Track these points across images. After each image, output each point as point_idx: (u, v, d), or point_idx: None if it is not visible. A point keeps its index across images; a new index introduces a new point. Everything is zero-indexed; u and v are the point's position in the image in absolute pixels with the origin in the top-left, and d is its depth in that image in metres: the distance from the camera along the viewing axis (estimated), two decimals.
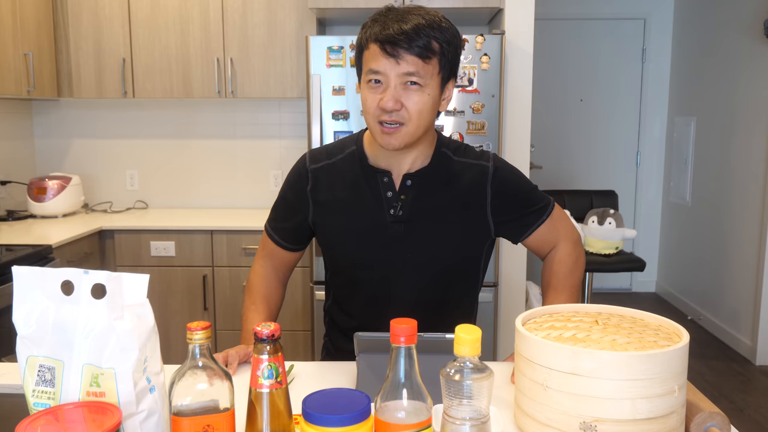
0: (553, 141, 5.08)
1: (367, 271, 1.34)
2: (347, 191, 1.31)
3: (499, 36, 2.83)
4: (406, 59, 1.14)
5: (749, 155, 3.84)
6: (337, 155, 1.35)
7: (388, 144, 1.20)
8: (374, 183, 1.30)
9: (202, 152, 3.64)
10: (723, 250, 4.14)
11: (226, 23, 3.23)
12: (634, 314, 1.06)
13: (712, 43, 4.33)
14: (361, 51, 1.21)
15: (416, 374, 0.79)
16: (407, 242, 1.29)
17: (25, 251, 2.49)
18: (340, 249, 1.36)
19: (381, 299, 1.34)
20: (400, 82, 1.16)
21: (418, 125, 1.19)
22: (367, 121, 1.22)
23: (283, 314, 3.11)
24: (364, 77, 1.20)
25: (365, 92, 1.20)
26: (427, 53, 1.15)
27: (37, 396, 0.79)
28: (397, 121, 1.18)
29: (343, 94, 2.86)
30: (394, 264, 1.31)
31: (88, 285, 0.79)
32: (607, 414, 0.85)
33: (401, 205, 1.29)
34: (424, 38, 1.14)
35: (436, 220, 1.30)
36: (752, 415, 3.13)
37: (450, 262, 1.32)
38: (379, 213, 1.29)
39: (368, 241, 1.31)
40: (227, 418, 0.82)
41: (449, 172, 1.31)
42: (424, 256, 1.30)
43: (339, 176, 1.33)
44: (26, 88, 3.02)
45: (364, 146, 1.33)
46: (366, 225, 1.30)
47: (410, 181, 1.29)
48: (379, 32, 1.15)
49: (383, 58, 1.15)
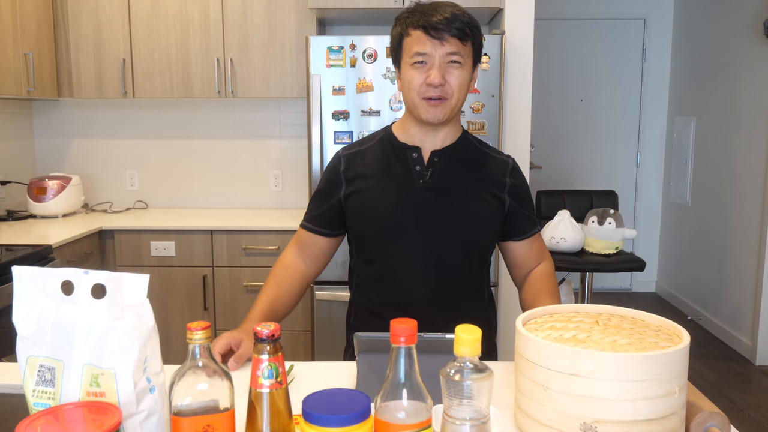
0: (553, 141, 5.08)
1: (393, 240, 1.39)
2: (379, 166, 1.43)
3: (499, 36, 2.83)
4: (449, 41, 1.31)
5: (749, 155, 3.84)
6: (368, 143, 1.48)
7: (434, 116, 1.34)
8: (404, 158, 1.42)
9: (202, 152, 3.64)
10: (723, 250, 4.14)
11: (226, 23, 3.23)
12: (635, 315, 1.06)
13: (712, 43, 4.33)
14: (401, 39, 1.36)
15: (416, 374, 0.79)
16: (433, 207, 1.38)
17: (25, 251, 2.49)
18: (369, 215, 1.41)
19: (404, 274, 1.40)
20: (444, 61, 1.32)
21: (458, 98, 1.35)
22: (411, 99, 1.35)
23: None
24: (408, 60, 1.34)
25: (410, 72, 1.34)
26: (464, 36, 1.32)
27: (37, 396, 0.79)
28: (442, 96, 1.32)
29: (343, 94, 2.86)
30: (418, 229, 1.38)
31: (88, 285, 0.79)
32: (607, 415, 0.85)
33: (429, 175, 1.40)
34: (460, 23, 1.31)
35: (461, 192, 1.41)
36: (752, 415, 3.13)
37: (469, 233, 1.40)
38: (409, 183, 1.40)
39: (397, 206, 1.39)
40: (227, 418, 0.82)
41: (473, 154, 1.45)
42: (448, 222, 1.39)
43: (371, 156, 1.45)
44: (26, 88, 3.02)
45: (394, 131, 1.46)
46: (395, 192, 1.40)
47: (437, 158, 1.41)
48: (422, 20, 1.31)
49: (428, 40, 1.31)
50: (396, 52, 1.39)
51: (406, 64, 1.35)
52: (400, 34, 1.36)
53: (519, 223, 1.46)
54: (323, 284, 2.96)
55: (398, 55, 1.38)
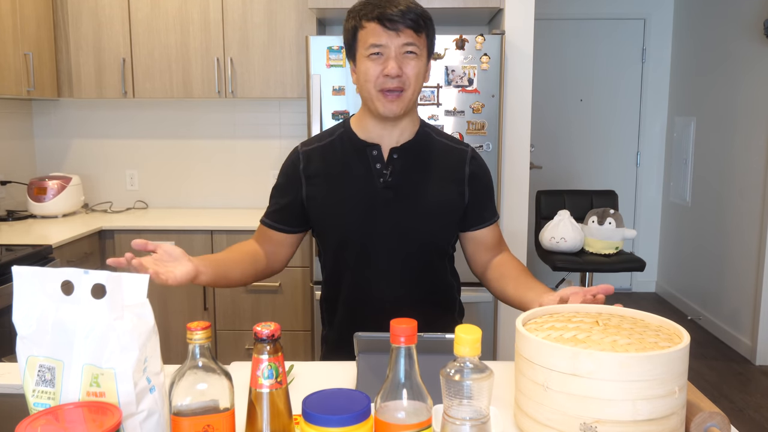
0: (553, 141, 5.08)
1: (357, 239, 1.40)
2: (339, 165, 1.42)
3: (499, 36, 2.83)
4: (404, 32, 1.31)
5: (749, 155, 3.84)
6: (326, 138, 1.46)
7: (391, 110, 1.34)
8: (364, 156, 1.41)
9: (202, 152, 3.63)
10: (723, 250, 4.14)
11: (226, 23, 3.23)
12: (635, 315, 1.06)
13: (712, 43, 4.33)
14: (355, 32, 1.35)
15: (416, 374, 0.79)
16: (395, 207, 1.39)
17: (25, 251, 2.49)
18: (333, 218, 1.41)
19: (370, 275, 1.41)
20: (400, 52, 1.32)
21: (415, 89, 1.35)
22: (367, 91, 1.34)
23: (283, 314, 3.11)
24: (363, 52, 1.33)
25: (365, 64, 1.33)
26: (419, 27, 1.32)
27: (37, 396, 0.79)
28: (399, 87, 1.32)
29: (343, 94, 2.86)
30: (382, 229, 1.39)
31: (88, 285, 0.79)
32: (607, 415, 0.85)
33: (389, 173, 1.39)
34: (414, 15, 1.31)
35: (421, 188, 1.41)
36: (752, 415, 3.13)
37: (432, 229, 1.42)
38: (370, 182, 1.39)
39: (359, 207, 1.39)
40: (227, 418, 0.82)
41: (432, 147, 1.45)
42: (410, 221, 1.40)
43: (330, 153, 1.43)
44: (26, 88, 3.02)
45: (352, 127, 1.44)
46: (357, 192, 1.40)
47: (396, 155, 1.40)
48: (376, 12, 1.31)
49: (383, 32, 1.31)
50: (350, 45, 1.38)
51: (361, 57, 1.34)
52: (354, 26, 1.36)
53: (477, 213, 1.47)
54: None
55: (353, 48, 1.38)
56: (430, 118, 2.87)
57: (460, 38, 2.82)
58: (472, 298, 2.75)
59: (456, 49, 2.82)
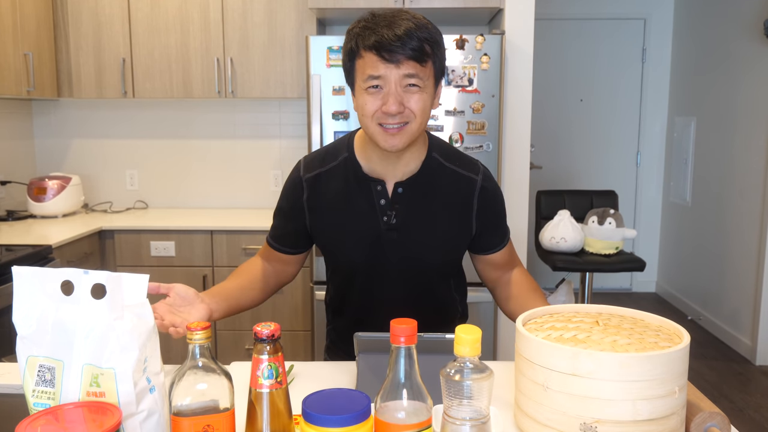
0: (553, 141, 5.08)
1: (361, 271, 1.39)
2: (342, 199, 1.34)
3: (499, 36, 2.83)
4: (404, 64, 1.17)
5: (749, 155, 3.84)
6: (330, 162, 1.37)
7: (393, 146, 1.22)
8: (368, 191, 1.33)
9: (202, 152, 3.63)
10: (723, 250, 4.14)
11: (226, 23, 3.23)
12: (635, 315, 1.06)
13: (712, 43, 4.33)
14: (353, 58, 1.22)
15: (416, 374, 0.79)
16: (399, 246, 1.34)
17: (25, 251, 2.49)
18: (338, 252, 1.40)
19: (375, 293, 1.40)
20: (400, 85, 1.18)
21: (421, 123, 1.22)
22: (366, 125, 1.23)
23: (283, 314, 3.11)
24: (362, 84, 1.21)
25: (364, 97, 1.21)
26: (422, 56, 1.17)
27: (37, 396, 0.79)
28: (401, 121, 1.20)
29: (343, 94, 2.86)
30: (386, 264, 1.37)
31: (88, 285, 0.79)
32: (607, 415, 0.85)
33: (395, 214, 1.33)
34: (417, 42, 1.16)
35: (427, 224, 1.34)
36: (752, 415, 3.13)
37: (438, 262, 1.39)
38: (374, 220, 1.33)
39: (363, 246, 1.35)
40: (227, 418, 0.82)
41: (439, 178, 1.35)
42: (414, 257, 1.36)
43: (333, 184, 1.35)
44: (26, 88, 3.02)
45: (356, 153, 1.35)
46: (361, 231, 1.34)
47: (401, 189, 1.32)
48: (372, 40, 1.16)
49: (381, 64, 1.17)
50: (348, 71, 1.25)
51: (359, 88, 1.21)
52: (351, 51, 1.22)
53: (487, 240, 1.41)
54: (323, 284, 2.96)
55: (351, 75, 1.24)
56: (430, 119, 2.87)
57: (460, 38, 2.82)
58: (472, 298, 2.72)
59: (456, 49, 2.82)
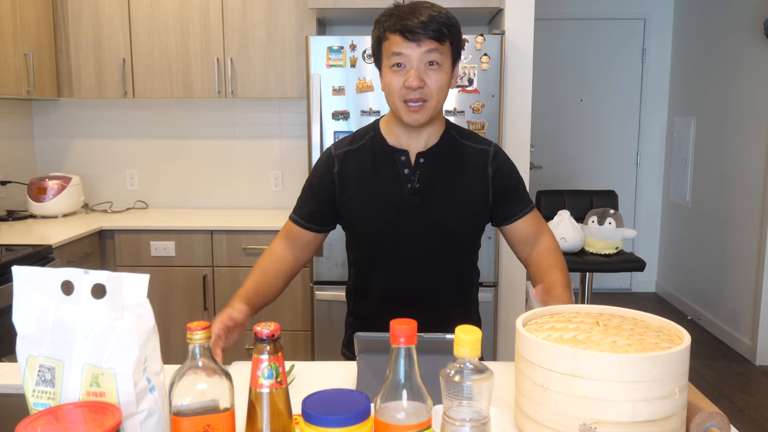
0: (553, 141, 5.07)
1: (386, 239, 1.46)
2: (369, 170, 1.46)
3: (499, 36, 2.83)
4: (425, 42, 1.32)
5: (749, 155, 3.84)
6: (358, 142, 1.50)
7: (415, 120, 1.37)
8: (393, 162, 1.45)
9: (202, 152, 3.63)
10: (723, 250, 4.14)
11: (226, 23, 3.23)
12: (635, 315, 1.06)
13: (712, 43, 4.33)
14: (380, 43, 1.38)
15: (416, 375, 0.79)
16: (422, 210, 1.44)
17: (25, 251, 2.49)
18: (364, 220, 1.47)
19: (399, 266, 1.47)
20: (421, 62, 1.33)
21: (439, 100, 1.38)
22: (392, 102, 1.38)
23: (283, 314, 3.11)
24: (387, 62, 1.36)
25: (389, 76, 1.36)
26: (441, 37, 1.33)
27: (37, 396, 0.79)
28: (421, 98, 1.34)
29: (343, 94, 2.86)
30: (410, 230, 1.45)
31: (88, 285, 0.79)
32: (607, 416, 0.85)
33: (417, 178, 1.44)
34: (437, 24, 1.32)
35: (447, 191, 1.45)
36: (752, 415, 3.13)
37: (458, 229, 1.47)
38: (399, 187, 1.44)
39: (389, 211, 1.44)
40: (227, 418, 0.82)
41: (456, 151, 1.48)
42: (436, 222, 1.45)
43: (362, 158, 1.48)
44: (26, 88, 3.02)
45: (381, 131, 1.48)
46: (387, 197, 1.45)
47: (423, 159, 1.45)
48: (398, 23, 1.32)
49: (404, 43, 1.32)
50: (376, 55, 1.42)
51: (385, 67, 1.38)
52: (378, 37, 1.39)
53: (504, 209, 1.49)
54: (323, 284, 2.96)
55: (378, 58, 1.41)
56: None
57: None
58: None
59: None
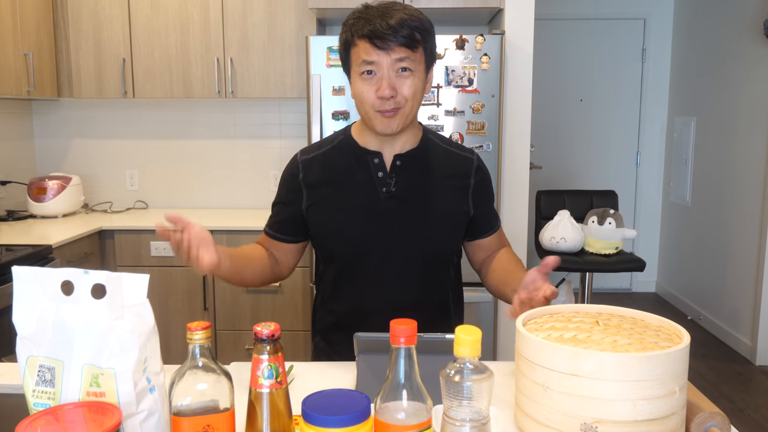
0: (553, 141, 5.07)
1: (356, 250, 1.36)
2: (339, 173, 1.37)
3: (499, 36, 2.83)
4: (396, 50, 1.24)
5: (749, 155, 3.84)
6: (326, 146, 1.42)
7: (388, 128, 1.29)
8: (365, 164, 1.36)
9: (202, 152, 3.63)
10: (723, 250, 4.14)
11: (226, 23, 3.23)
12: (635, 315, 1.06)
13: (712, 43, 4.32)
14: (348, 48, 1.30)
15: (416, 375, 0.79)
16: (399, 217, 1.35)
17: (25, 251, 2.49)
18: (334, 229, 1.37)
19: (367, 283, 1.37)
20: (393, 69, 1.25)
21: (413, 107, 1.30)
22: (364, 112, 1.30)
23: (283, 314, 3.11)
24: (357, 70, 1.28)
25: (360, 84, 1.28)
26: (413, 43, 1.25)
27: (37, 396, 0.79)
28: (395, 107, 1.27)
29: (343, 94, 2.86)
30: (385, 241, 1.35)
31: (88, 285, 0.79)
32: (607, 415, 0.85)
33: (394, 183, 1.35)
34: (408, 30, 1.24)
35: (425, 197, 1.36)
36: (752, 415, 3.13)
37: (436, 237, 1.37)
38: (372, 191, 1.35)
39: (361, 218, 1.35)
40: (227, 418, 0.82)
41: (436, 156, 1.40)
42: (414, 232, 1.35)
43: (331, 162, 1.39)
44: (26, 88, 3.02)
45: (353, 135, 1.40)
46: (359, 202, 1.35)
47: (400, 162, 1.36)
48: (366, 28, 1.24)
49: (374, 50, 1.24)
50: (344, 60, 1.33)
51: (355, 74, 1.29)
52: (346, 41, 1.30)
53: (482, 223, 1.44)
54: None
55: (347, 64, 1.32)
56: (430, 119, 2.87)
57: (460, 38, 2.82)
58: (472, 298, 2.74)
59: (456, 49, 2.82)
